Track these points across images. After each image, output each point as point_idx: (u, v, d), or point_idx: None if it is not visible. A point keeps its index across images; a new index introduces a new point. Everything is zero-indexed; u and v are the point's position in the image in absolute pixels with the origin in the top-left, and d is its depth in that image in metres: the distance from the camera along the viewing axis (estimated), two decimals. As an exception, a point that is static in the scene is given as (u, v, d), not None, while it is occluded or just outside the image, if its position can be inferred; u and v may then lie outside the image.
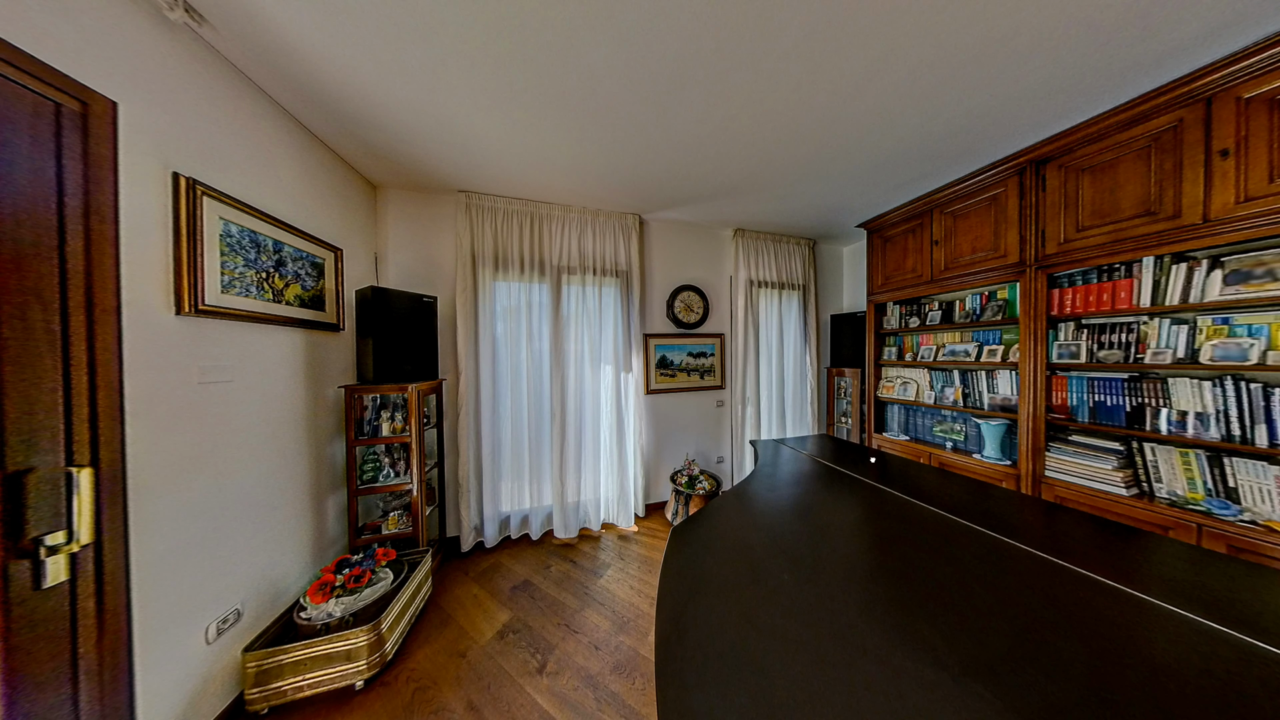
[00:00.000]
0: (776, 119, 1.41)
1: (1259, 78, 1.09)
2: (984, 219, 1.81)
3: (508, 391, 2.15)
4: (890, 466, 1.50)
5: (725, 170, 1.82)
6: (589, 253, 2.29)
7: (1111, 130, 1.38)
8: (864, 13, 0.97)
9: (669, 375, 2.59)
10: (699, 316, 2.63)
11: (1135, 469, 1.39)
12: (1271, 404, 1.13)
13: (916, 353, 2.30)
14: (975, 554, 0.85)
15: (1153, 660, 0.56)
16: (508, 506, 2.19)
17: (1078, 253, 1.49)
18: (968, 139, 1.57)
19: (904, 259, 2.24)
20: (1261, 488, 1.14)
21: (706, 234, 2.72)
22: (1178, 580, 0.74)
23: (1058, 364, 1.59)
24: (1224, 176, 1.15)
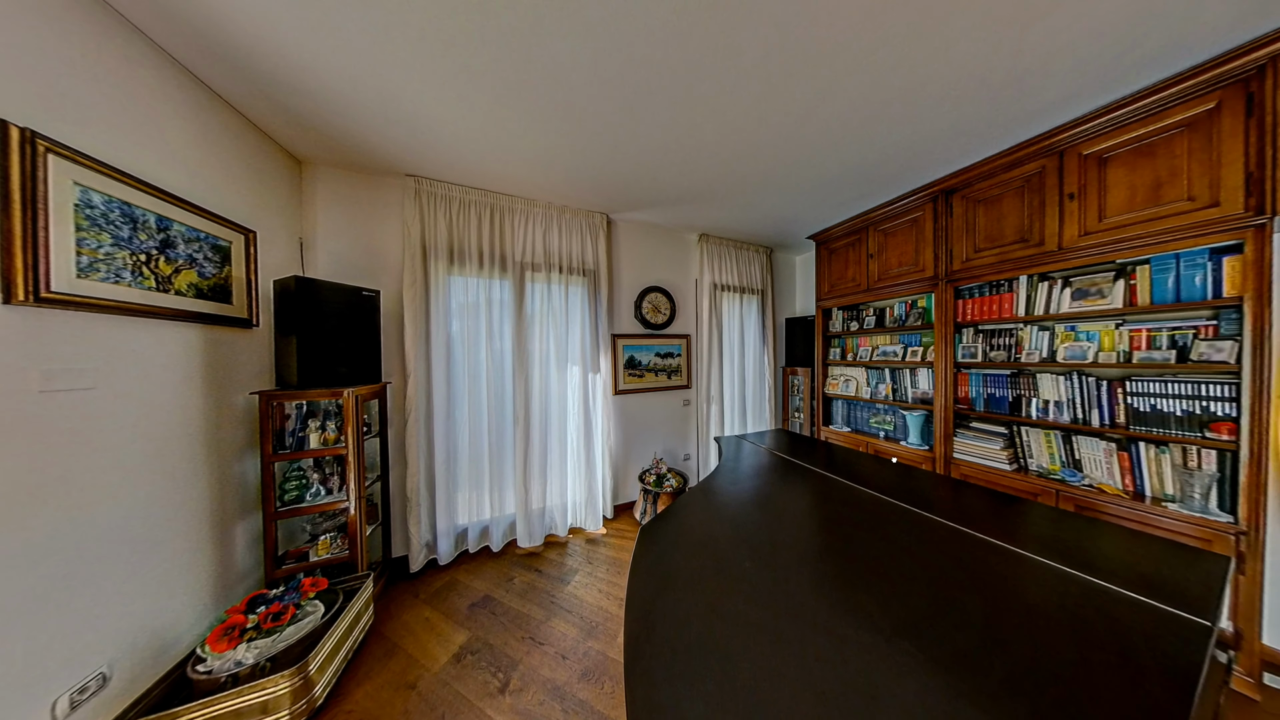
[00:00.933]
0: (738, 132, 1.49)
1: (1093, 139, 1.40)
2: (908, 237, 2.09)
3: (464, 394, 2.00)
4: (835, 455, 1.67)
5: (691, 177, 1.88)
6: (555, 250, 2.21)
7: (998, 170, 1.68)
8: (811, 43, 1.07)
9: (637, 375, 2.61)
10: (666, 318, 2.69)
11: (1015, 448, 1.70)
12: (1102, 393, 1.46)
13: (856, 353, 2.59)
14: (902, 528, 0.98)
15: (1027, 603, 0.69)
16: (465, 518, 2.04)
17: (975, 270, 1.79)
18: (895, 168, 1.80)
19: (846, 269, 2.51)
20: (1096, 459, 1.47)
21: (673, 237, 2.78)
22: (1043, 536, 0.92)
23: (962, 363, 1.89)
24: (1070, 214, 1.46)
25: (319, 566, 1.46)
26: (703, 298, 2.78)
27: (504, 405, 2.10)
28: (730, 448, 1.82)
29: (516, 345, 2.09)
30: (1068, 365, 1.54)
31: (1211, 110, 1.16)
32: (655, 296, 2.65)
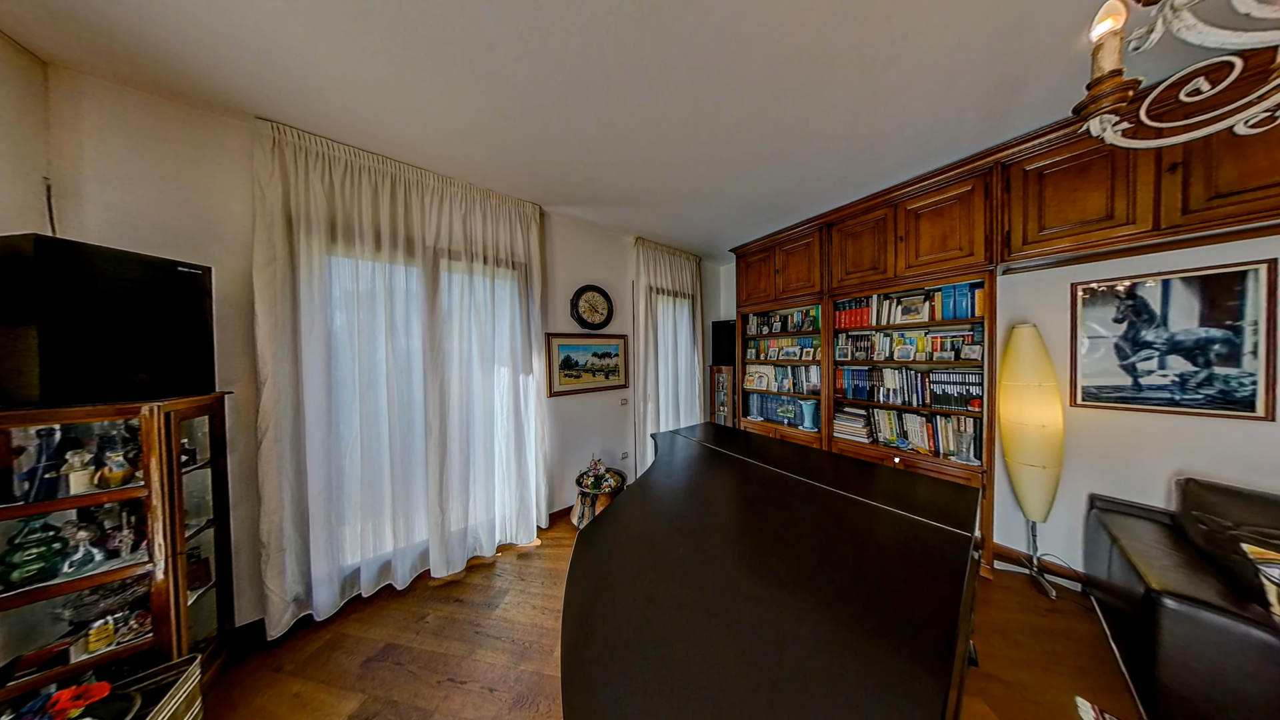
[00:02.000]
0: (671, 145, 1.58)
1: (913, 199, 1.94)
2: (803, 258, 2.55)
3: (355, 402, 1.62)
4: (752, 442, 1.92)
5: (628, 179, 1.91)
6: (479, 237, 1.98)
7: (860, 212, 2.18)
8: (733, 80, 1.20)
9: (573, 376, 2.53)
10: (604, 317, 2.68)
11: (870, 425, 2.24)
12: (917, 382, 2.03)
13: (766, 354, 3.03)
14: (801, 497, 1.18)
15: (877, 542, 0.91)
16: (356, 556, 1.66)
17: (846, 289, 2.28)
18: (793, 200, 2.17)
19: (759, 281, 2.91)
20: (915, 429, 2.04)
21: (610, 238, 2.79)
22: (887, 490, 1.24)
23: (839, 361, 2.40)
24: (900, 252, 2.00)
25: (92, 667, 0.99)
26: (639, 299, 2.86)
27: (413, 414, 1.79)
28: (665, 443, 1.92)
29: (429, 343, 1.80)
30: (900, 363, 2.10)
31: (970, 190, 1.74)
32: (593, 295, 2.61)
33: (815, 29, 1.02)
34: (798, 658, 0.57)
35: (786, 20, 0.99)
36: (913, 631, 0.61)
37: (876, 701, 0.49)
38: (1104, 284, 1.57)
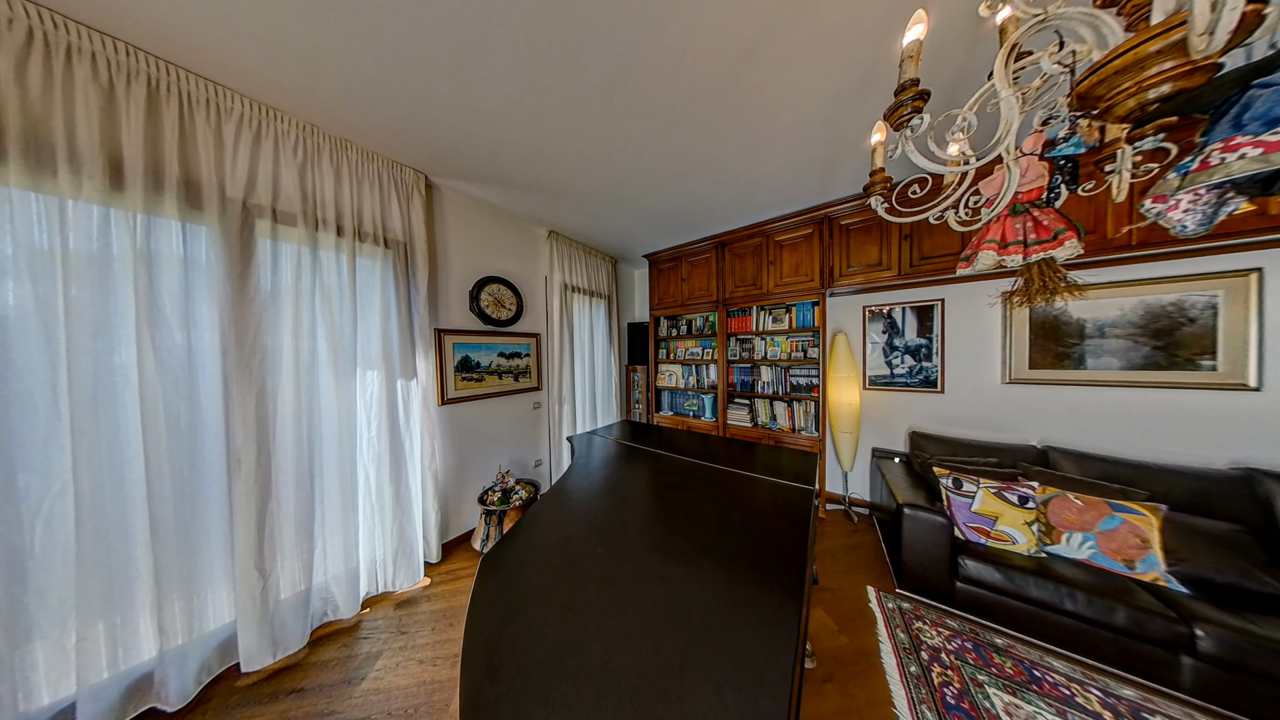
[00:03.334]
0: (584, 143, 1.56)
1: (778, 232, 2.48)
2: (704, 270, 2.92)
3: (59, 435, 0.99)
4: (664, 436, 2.08)
5: (537, 167, 1.79)
6: (329, 199, 1.50)
7: (745, 237, 2.65)
8: (643, 96, 1.27)
9: (474, 379, 2.20)
10: (512, 313, 2.42)
11: (753, 412, 2.75)
12: (782, 376, 2.61)
13: (675, 354, 3.34)
14: (703, 479, 1.35)
15: (758, 505, 1.13)
16: (65, 686, 1.01)
17: (736, 299, 2.74)
18: (696, 218, 2.46)
19: (669, 288, 3.18)
20: (781, 413, 2.62)
21: (520, 228, 2.55)
22: (765, 463, 1.54)
23: (731, 360, 2.85)
24: (771, 273, 2.53)
25: None
26: (553, 296, 2.71)
27: (201, 442, 1.21)
28: (582, 444, 1.88)
29: (236, 339, 1.26)
30: (771, 361, 2.66)
31: (811, 233, 2.34)
32: (498, 289, 2.33)
33: (712, 74, 1.18)
34: (703, 621, 0.65)
35: (688, 59, 1.12)
36: (779, 570, 0.78)
37: (759, 634, 0.61)
38: (877, 307, 2.38)
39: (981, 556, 1.42)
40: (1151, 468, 1.50)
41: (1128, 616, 1.16)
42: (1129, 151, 0.62)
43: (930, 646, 1.32)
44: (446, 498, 2.04)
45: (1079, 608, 1.23)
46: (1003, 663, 1.24)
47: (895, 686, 1.17)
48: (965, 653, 1.29)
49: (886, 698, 1.14)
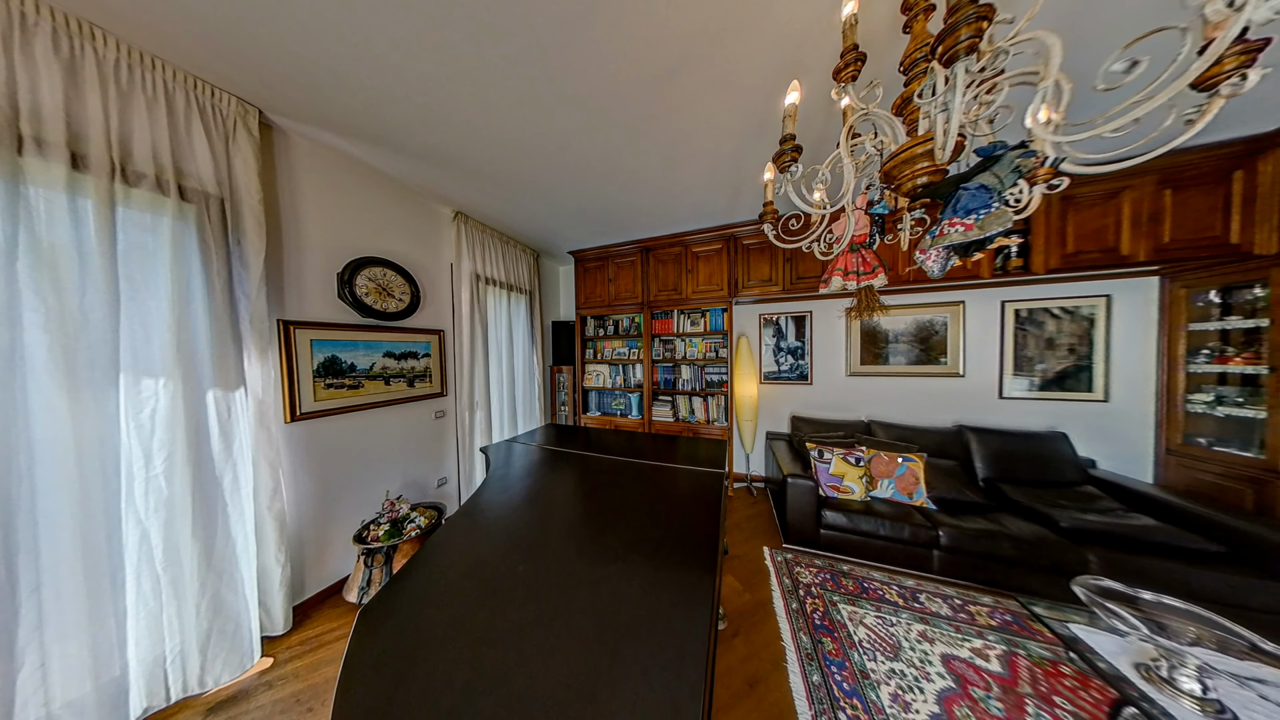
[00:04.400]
0: (502, 121, 1.41)
1: (695, 244, 2.74)
2: (630, 273, 3.00)
3: None
4: (591, 437, 2.05)
5: (439, 133, 1.52)
6: (58, 109, 0.95)
7: (667, 245, 2.84)
8: (568, 86, 1.23)
9: (347, 386, 1.74)
10: (404, 304, 2.00)
11: (675, 408, 2.98)
12: (699, 374, 2.91)
13: (602, 354, 3.34)
14: (630, 476, 1.39)
15: (679, 493, 1.23)
16: None
17: (659, 303, 2.91)
18: (622, 220, 2.51)
19: (596, 287, 3.15)
20: (699, 407, 2.91)
21: (418, 204, 2.13)
22: (686, 454, 1.68)
23: (655, 360, 3.02)
24: (689, 280, 2.78)
25: None
26: (462, 288, 2.36)
27: None
28: (500, 455, 1.70)
29: None
30: (690, 360, 2.92)
31: (721, 248, 2.67)
32: (383, 274, 1.89)
33: (637, 82, 1.23)
34: (631, 614, 0.67)
35: (614, 59, 1.13)
36: (697, 550, 0.86)
37: (682, 612, 0.66)
38: (770, 315, 2.89)
39: (835, 506, 1.88)
40: (919, 429, 2.26)
41: (910, 532, 1.72)
42: (909, 216, 0.91)
43: (805, 585, 1.67)
44: (302, 543, 1.56)
45: (887, 531, 1.76)
46: (847, 583, 1.67)
47: (783, 623, 1.44)
48: (826, 583, 1.68)
49: (778, 635, 1.39)
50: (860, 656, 1.27)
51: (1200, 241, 1.63)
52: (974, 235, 0.72)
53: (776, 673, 1.23)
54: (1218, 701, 0.76)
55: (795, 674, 1.22)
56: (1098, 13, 0.97)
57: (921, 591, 1.60)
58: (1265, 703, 0.75)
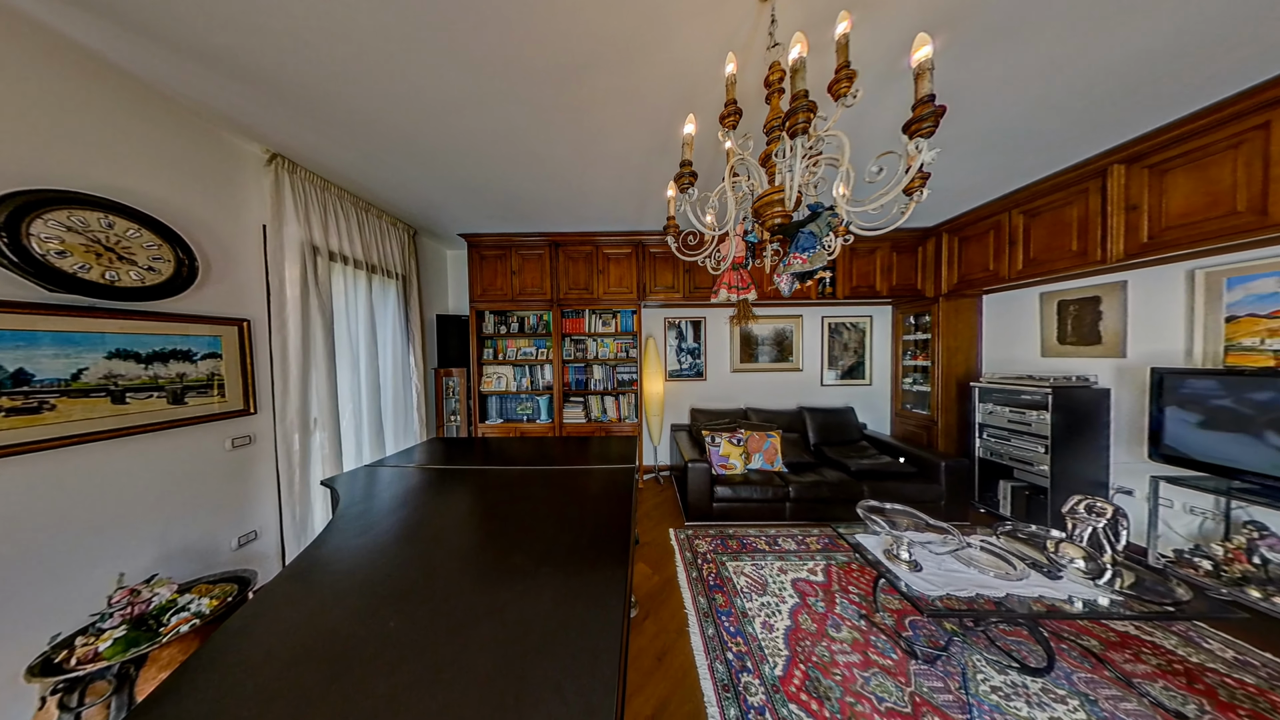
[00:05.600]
0: (368, 60, 1.08)
1: (607, 246, 2.78)
2: (538, 267, 2.79)
3: None
4: (491, 448, 1.82)
5: (240, 33, 1.05)
6: None
7: (577, 243, 2.77)
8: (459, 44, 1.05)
9: (26, 410, 1.00)
10: (160, 277, 1.28)
11: (587, 409, 2.94)
12: (611, 374, 2.96)
13: (505, 354, 3.00)
14: (540, 484, 1.30)
15: (592, 493, 1.22)
16: None
17: (570, 301, 2.81)
18: (527, 209, 2.31)
19: (496, 279, 2.80)
20: (611, 406, 2.96)
21: (197, 131, 1.41)
22: (599, 453, 1.69)
23: (566, 360, 2.91)
24: (602, 280, 2.80)
25: None
26: (286, 261, 1.70)
27: None
28: (355, 486, 1.30)
29: None
30: (602, 360, 2.95)
31: (630, 252, 2.79)
32: (104, 223, 1.17)
33: (544, 67, 1.15)
34: (543, 630, 0.62)
35: (519, 32, 1.03)
36: (610, 544, 0.88)
37: (595, 613, 0.66)
38: (673, 319, 3.20)
39: (723, 482, 2.25)
40: (777, 411, 2.93)
41: (772, 492, 2.21)
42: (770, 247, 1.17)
43: (702, 554, 1.93)
44: None
45: (758, 495, 2.22)
46: (732, 543, 2.02)
47: (685, 594, 1.62)
48: (718, 548, 1.99)
49: (682, 605, 1.55)
50: (741, 601, 1.56)
51: (907, 286, 2.71)
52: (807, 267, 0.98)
53: (681, 639, 1.37)
54: (915, 561, 1.28)
55: (695, 634, 1.39)
56: (864, 129, 1.48)
57: (780, 536, 2.09)
58: (930, 553, 1.31)
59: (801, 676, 1.19)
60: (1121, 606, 1.08)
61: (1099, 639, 1.33)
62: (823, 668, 1.22)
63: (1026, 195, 2.00)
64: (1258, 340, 1.48)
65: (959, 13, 0.98)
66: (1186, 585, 1.15)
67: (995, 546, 1.35)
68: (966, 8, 0.97)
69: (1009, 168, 1.83)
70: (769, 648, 1.31)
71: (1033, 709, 1.07)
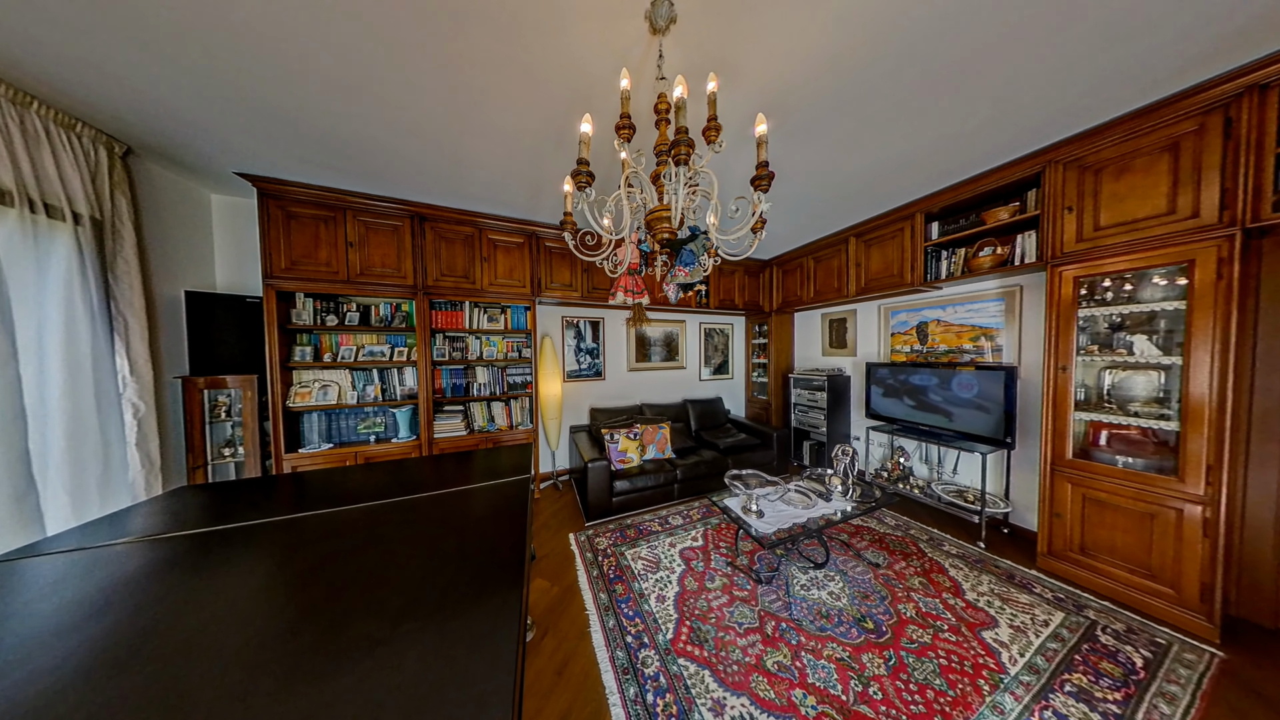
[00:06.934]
0: None
1: (492, 231, 2.43)
2: (391, 241, 2.17)
3: None
4: (309, 486, 1.29)
5: None
6: None
7: (454, 220, 2.31)
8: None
9: None
10: None
11: (468, 418, 2.50)
12: (499, 376, 2.61)
13: (337, 353, 2.20)
14: (398, 521, 1.01)
15: (476, 515, 1.05)
16: None
17: (442, 290, 2.32)
18: (376, 164, 1.76)
19: (317, 248, 2.01)
20: (500, 412, 2.61)
21: None
22: (482, 469, 1.46)
23: (437, 361, 2.39)
24: (485, 270, 2.43)
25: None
26: None
27: None
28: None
29: None
30: (487, 361, 2.57)
31: (523, 243, 2.54)
32: None
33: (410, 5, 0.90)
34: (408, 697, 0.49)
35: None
36: (501, 569, 0.78)
37: (481, 652, 0.57)
38: (571, 318, 3.11)
39: (621, 476, 2.36)
40: (667, 405, 3.30)
41: (664, 477, 2.47)
42: (661, 258, 1.31)
43: (601, 550, 1.97)
44: None
45: (652, 482, 2.43)
46: (631, 532, 2.14)
47: (586, 595, 1.61)
48: (618, 540, 2.07)
49: (583, 607, 1.53)
50: (639, 584, 1.68)
51: (753, 303, 3.56)
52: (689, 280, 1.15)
53: (583, 642, 1.36)
54: (760, 510, 1.70)
55: (597, 630, 1.40)
56: (729, 174, 1.84)
57: (670, 515, 2.36)
58: (768, 502, 1.78)
59: (688, 632, 1.38)
60: (854, 509, 1.75)
61: (847, 532, 2.11)
62: (702, 616, 1.46)
63: (815, 247, 2.98)
64: (902, 346, 2.69)
65: (781, 107, 1.35)
66: (879, 489, 1.98)
67: (802, 488, 1.94)
68: (784, 106, 1.35)
69: (807, 226, 2.67)
70: (662, 617, 1.46)
71: (819, 590, 1.60)
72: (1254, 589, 1.37)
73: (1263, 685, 1.13)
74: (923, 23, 1.00)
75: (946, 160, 1.75)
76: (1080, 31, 1.04)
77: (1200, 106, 1.28)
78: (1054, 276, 1.64)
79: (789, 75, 1.19)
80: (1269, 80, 1.16)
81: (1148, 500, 1.42)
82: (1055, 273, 1.64)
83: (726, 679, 1.18)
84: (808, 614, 1.46)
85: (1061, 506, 1.64)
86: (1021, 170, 1.73)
